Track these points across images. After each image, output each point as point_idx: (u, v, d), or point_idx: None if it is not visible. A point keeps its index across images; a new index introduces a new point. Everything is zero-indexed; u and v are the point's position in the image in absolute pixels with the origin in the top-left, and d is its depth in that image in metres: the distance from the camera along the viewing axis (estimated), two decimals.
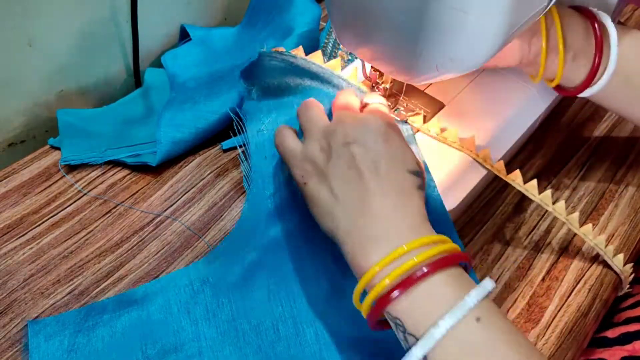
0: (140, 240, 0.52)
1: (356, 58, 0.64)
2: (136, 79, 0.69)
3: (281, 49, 0.53)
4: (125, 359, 0.43)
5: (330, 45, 0.68)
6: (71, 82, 0.64)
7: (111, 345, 0.44)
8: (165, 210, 0.54)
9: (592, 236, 0.50)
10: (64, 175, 0.56)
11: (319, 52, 0.54)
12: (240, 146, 0.58)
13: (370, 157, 0.40)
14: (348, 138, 0.41)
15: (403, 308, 0.34)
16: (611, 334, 0.52)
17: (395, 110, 0.54)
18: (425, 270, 0.34)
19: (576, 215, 0.49)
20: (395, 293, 0.34)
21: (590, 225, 0.50)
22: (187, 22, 0.72)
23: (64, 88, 0.64)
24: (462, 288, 0.34)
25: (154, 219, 0.54)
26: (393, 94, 0.55)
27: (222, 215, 0.55)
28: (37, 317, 0.47)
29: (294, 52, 0.54)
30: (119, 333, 0.44)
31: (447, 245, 0.36)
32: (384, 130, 0.42)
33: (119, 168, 0.58)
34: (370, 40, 0.45)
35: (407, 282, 0.34)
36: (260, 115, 0.55)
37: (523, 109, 0.59)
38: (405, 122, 0.52)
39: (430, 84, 0.59)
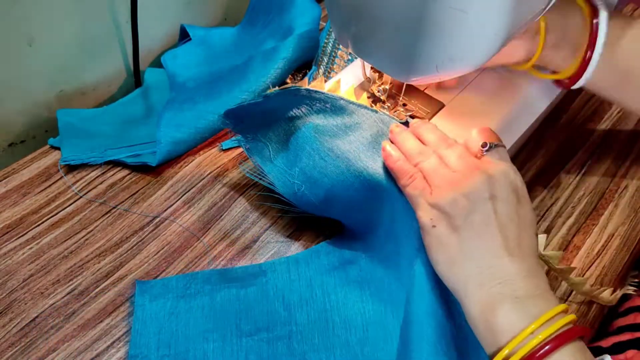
0: (140, 241, 0.52)
1: (356, 58, 0.64)
2: (136, 79, 0.69)
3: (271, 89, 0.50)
4: (220, 329, 0.46)
5: (330, 45, 0.68)
6: (71, 82, 0.64)
7: (209, 315, 0.47)
8: (165, 210, 0.55)
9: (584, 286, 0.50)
10: (62, 177, 0.56)
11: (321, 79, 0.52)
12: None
13: (508, 216, 0.40)
14: (490, 192, 0.40)
15: None
16: (605, 343, 0.52)
17: (395, 111, 0.54)
18: (548, 348, 0.35)
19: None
20: None
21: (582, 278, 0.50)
22: (187, 22, 0.72)
23: (64, 88, 0.64)
24: None
25: (153, 219, 0.54)
26: (393, 94, 0.55)
27: (222, 215, 0.55)
28: (36, 316, 0.47)
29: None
30: (218, 305, 0.47)
31: (569, 317, 0.37)
32: (521, 186, 0.42)
33: (119, 168, 0.58)
34: (370, 40, 0.45)
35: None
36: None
37: (523, 109, 0.59)
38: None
39: (430, 84, 0.59)
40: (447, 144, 0.45)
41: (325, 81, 0.53)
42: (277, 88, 0.49)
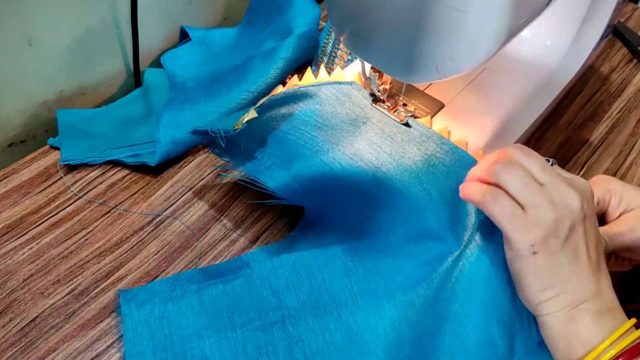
0: (140, 241, 0.52)
1: (356, 58, 0.64)
2: (136, 79, 0.69)
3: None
4: (213, 325, 0.46)
5: (330, 45, 0.68)
6: (71, 82, 0.64)
7: (200, 313, 0.46)
8: (165, 210, 0.54)
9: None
10: (62, 177, 0.56)
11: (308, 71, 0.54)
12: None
13: (593, 235, 0.40)
14: (584, 212, 0.39)
15: None
16: None
17: (395, 111, 0.54)
18: None
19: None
20: None
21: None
22: (187, 22, 0.72)
23: (64, 88, 0.64)
24: None
25: (153, 219, 0.54)
26: (393, 94, 0.55)
27: (222, 215, 0.55)
28: (36, 317, 0.47)
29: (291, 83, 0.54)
30: (207, 302, 0.47)
31: (638, 333, 0.38)
32: (593, 195, 0.42)
33: (119, 168, 0.58)
34: (369, 40, 0.45)
35: None
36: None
37: (523, 109, 0.59)
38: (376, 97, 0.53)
39: (430, 83, 0.59)
40: (523, 152, 0.41)
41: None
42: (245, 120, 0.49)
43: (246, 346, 0.45)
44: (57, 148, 0.59)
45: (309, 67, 0.54)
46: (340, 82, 0.53)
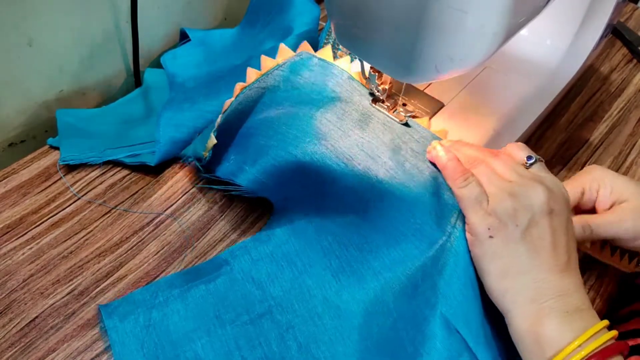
0: (140, 241, 0.52)
1: (355, 58, 0.64)
2: (136, 79, 0.69)
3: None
4: (202, 326, 0.46)
5: (330, 45, 0.68)
6: (71, 82, 0.64)
7: (186, 316, 0.46)
8: (165, 210, 0.54)
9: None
10: (61, 177, 0.56)
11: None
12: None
13: (562, 231, 0.40)
14: (549, 206, 0.40)
15: None
16: None
17: (395, 111, 0.54)
18: None
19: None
20: None
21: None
22: (187, 22, 0.72)
23: (64, 88, 0.64)
24: None
25: (153, 219, 0.54)
26: (393, 94, 0.55)
27: (222, 215, 0.55)
28: (36, 317, 0.47)
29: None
30: (192, 304, 0.47)
31: (612, 333, 0.38)
32: (569, 200, 0.42)
33: (119, 168, 0.58)
34: (369, 40, 0.45)
35: None
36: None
37: (523, 109, 0.59)
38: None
39: (430, 83, 0.59)
40: (494, 155, 0.44)
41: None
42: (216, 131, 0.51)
43: (238, 341, 0.45)
44: (57, 148, 0.59)
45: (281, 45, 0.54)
46: (293, 60, 0.54)
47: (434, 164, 0.47)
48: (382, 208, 0.48)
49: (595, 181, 0.49)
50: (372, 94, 0.53)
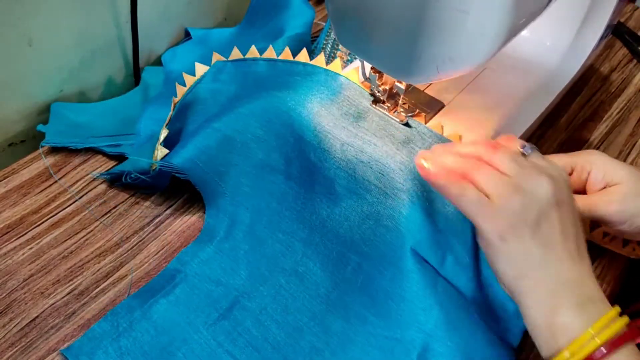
0: (140, 241, 0.52)
1: (356, 58, 0.64)
2: (136, 79, 0.69)
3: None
4: (177, 338, 0.45)
5: (330, 45, 0.68)
6: (71, 82, 0.64)
7: (158, 332, 0.46)
8: (165, 210, 0.54)
9: None
10: (56, 181, 0.56)
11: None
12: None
13: (570, 221, 0.40)
14: (556, 197, 0.40)
15: None
16: None
17: (395, 111, 0.54)
18: (604, 351, 0.36)
19: None
20: None
21: None
22: (187, 22, 0.72)
23: (64, 88, 0.64)
24: None
25: (153, 219, 0.54)
26: (393, 94, 0.55)
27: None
28: (36, 317, 0.47)
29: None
30: (159, 320, 0.46)
31: (624, 320, 0.38)
32: (570, 183, 0.42)
33: None
34: (369, 40, 0.45)
35: None
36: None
37: (523, 109, 0.59)
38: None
39: (431, 83, 0.59)
40: (491, 149, 0.42)
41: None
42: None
43: (217, 339, 0.45)
44: (57, 148, 0.59)
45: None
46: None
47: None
48: (308, 162, 0.52)
49: (588, 163, 0.49)
50: (372, 95, 0.53)
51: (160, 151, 0.52)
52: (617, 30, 0.79)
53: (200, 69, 0.58)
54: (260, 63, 0.58)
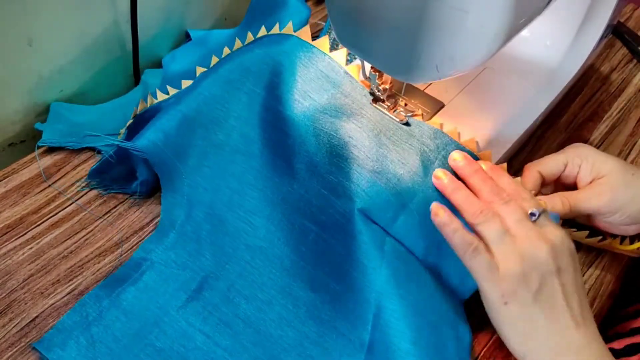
0: (140, 241, 0.52)
1: (355, 58, 0.64)
2: (136, 79, 0.69)
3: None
4: (149, 322, 0.46)
5: (330, 45, 0.68)
6: (71, 82, 0.64)
7: (129, 318, 0.46)
8: None
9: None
10: (49, 185, 0.56)
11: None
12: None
13: (572, 286, 0.41)
14: (556, 265, 0.41)
15: None
16: (617, 345, 0.52)
17: (395, 110, 0.54)
18: None
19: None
20: None
21: None
22: (187, 22, 0.72)
23: (64, 88, 0.64)
24: None
25: (153, 219, 0.54)
26: (393, 94, 0.55)
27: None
28: (36, 316, 0.47)
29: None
30: (129, 307, 0.47)
31: None
32: (574, 251, 0.43)
33: None
34: (369, 39, 0.45)
35: None
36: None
37: (523, 109, 0.59)
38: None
39: (430, 83, 0.59)
40: (502, 199, 0.43)
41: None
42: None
43: (189, 320, 0.46)
44: (57, 148, 0.59)
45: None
46: None
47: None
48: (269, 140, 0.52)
49: (578, 157, 0.50)
50: (372, 94, 0.53)
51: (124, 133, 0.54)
52: (617, 30, 0.79)
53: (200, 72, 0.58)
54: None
